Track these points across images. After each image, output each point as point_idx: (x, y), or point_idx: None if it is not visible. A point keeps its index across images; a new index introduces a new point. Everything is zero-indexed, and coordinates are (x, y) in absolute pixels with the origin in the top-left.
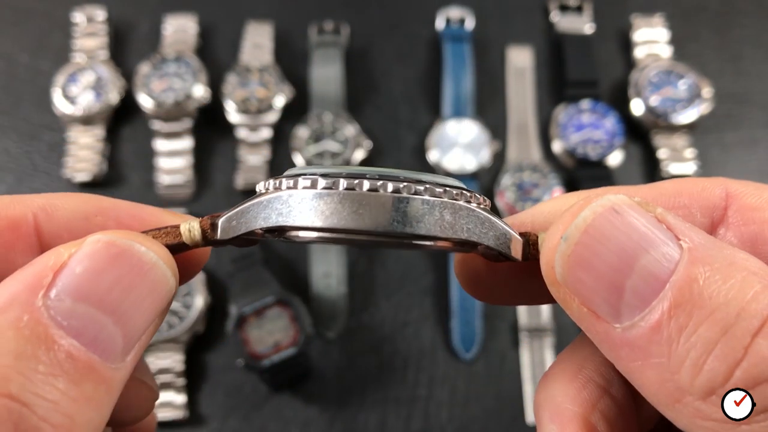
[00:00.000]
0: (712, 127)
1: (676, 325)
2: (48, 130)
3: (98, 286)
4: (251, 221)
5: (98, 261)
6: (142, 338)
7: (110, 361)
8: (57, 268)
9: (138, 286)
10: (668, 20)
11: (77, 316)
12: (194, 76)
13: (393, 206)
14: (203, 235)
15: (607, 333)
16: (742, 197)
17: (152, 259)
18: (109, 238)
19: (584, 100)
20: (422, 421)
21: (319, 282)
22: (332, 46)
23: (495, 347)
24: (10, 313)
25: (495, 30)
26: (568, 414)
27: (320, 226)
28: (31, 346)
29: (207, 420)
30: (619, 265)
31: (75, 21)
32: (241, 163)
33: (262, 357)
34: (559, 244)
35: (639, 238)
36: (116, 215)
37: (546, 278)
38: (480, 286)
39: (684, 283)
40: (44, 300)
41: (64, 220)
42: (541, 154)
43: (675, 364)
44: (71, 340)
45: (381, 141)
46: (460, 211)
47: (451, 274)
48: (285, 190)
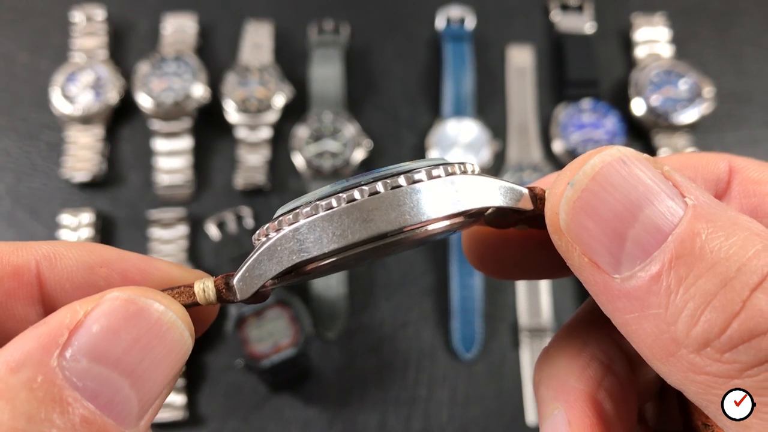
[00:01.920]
0: (712, 126)
1: (675, 276)
2: (47, 129)
3: (115, 347)
4: (266, 271)
5: (116, 320)
6: (157, 402)
7: (125, 426)
8: (73, 326)
9: (156, 347)
10: (669, 19)
11: (93, 377)
12: (194, 75)
13: (400, 200)
14: (218, 295)
15: (606, 284)
16: (745, 171)
17: (171, 319)
18: (127, 296)
19: (585, 100)
20: (422, 422)
21: (319, 282)
22: (332, 45)
23: (495, 347)
24: (24, 373)
25: (495, 29)
26: (574, 392)
27: (336, 248)
28: (44, 409)
29: (207, 420)
30: (623, 214)
31: (74, 20)
32: (241, 162)
33: (261, 357)
34: (565, 190)
35: (645, 189)
36: (122, 267)
37: (549, 226)
38: (489, 260)
39: (686, 236)
40: (59, 360)
41: (67, 270)
42: (541, 154)
43: (672, 315)
44: (87, 403)
45: (381, 141)
46: (463, 182)
47: (452, 274)
48: (287, 228)
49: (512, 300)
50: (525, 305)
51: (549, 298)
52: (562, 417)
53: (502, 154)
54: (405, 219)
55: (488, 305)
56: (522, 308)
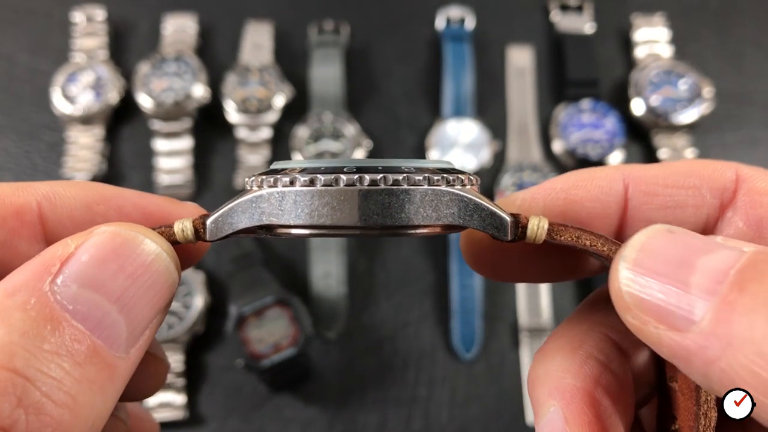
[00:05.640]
0: (712, 127)
1: (750, 294)
2: (47, 129)
3: (103, 273)
4: (237, 222)
5: (103, 250)
6: (146, 332)
7: (114, 349)
8: (64, 257)
9: (142, 275)
10: (669, 20)
11: (82, 301)
12: (194, 75)
13: (371, 199)
14: (196, 234)
15: (687, 345)
16: (753, 181)
17: (155, 251)
18: (114, 229)
19: (584, 100)
20: (422, 422)
21: (319, 282)
22: (332, 45)
23: (495, 347)
24: (18, 297)
25: (495, 30)
26: (570, 389)
27: (301, 223)
28: (37, 326)
29: (207, 420)
30: (683, 262)
31: (74, 21)
32: (241, 162)
33: (261, 357)
34: (619, 269)
35: (700, 242)
36: (118, 204)
37: (618, 309)
38: (485, 262)
39: (749, 264)
40: (51, 285)
41: (67, 208)
42: (541, 154)
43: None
44: (76, 323)
45: (381, 141)
46: (442, 197)
47: (452, 274)
48: (266, 189)
49: (512, 300)
50: (525, 305)
51: (549, 298)
52: (559, 414)
53: (502, 154)
54: (372, 219)
55: (488, 305)
56: (522, 308)
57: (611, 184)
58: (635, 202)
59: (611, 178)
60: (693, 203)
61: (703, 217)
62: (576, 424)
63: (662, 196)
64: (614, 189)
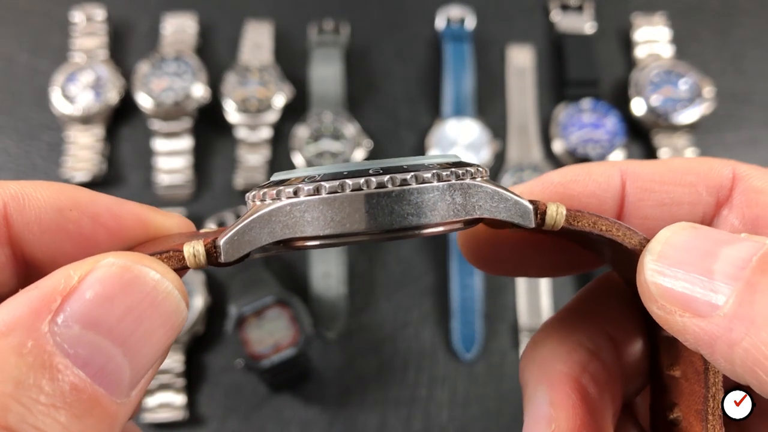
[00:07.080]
0: (713, 126)
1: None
2: (47, 129)
3: (109, 314)
4: (255, 239)
5: (111, 287)
6: (149, 372)
7: (116, 395)
8: (66, 292)
9: (151, 316)
10: (669, 19)
11: (85, 344)
12: (194, 75)
13: (404, 200)
14: (208, 258)
15: (713, 330)
16: (749, 179)
17: (167, 289)
18: (123, 263)
19: (585, 100)
20: (422, 422)
21: (319, 282)
22: (332, 45)
23: (495, 347)
24: (13, 338)
25: (495, 29)
26: (557, 374)
27: (332, 233)
28: (34, 375)
29: (206, 421)
30: (706, 252)
31: (74, 20)
32: (241, 162)
33: (261, 357)
34: (646, 262)
35: (721, 234)
36: (94, 212)
37: (645, 302)
38: (483, 257)
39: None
40: (51, 326)
41: (36, 211)
42: (541, 154)
43: None
44: (77, 371)
45: (381, 141)
46: (470, 189)
47: (452, 274)
48: (285, 200)
49: (512, 300)
50: (525, 305)
51: (549, 298)
52: (545, 397)
53: (502, 154)
54: (408, 219)
55: (488, 305)
56: (522, 308)
57: (608, 180)
58: (632, 198)
59: (608, 174)
60: (689, 200)
61: (699, 215)
62: (561, 407)
63: (659, 192)
64: (611, 185)
